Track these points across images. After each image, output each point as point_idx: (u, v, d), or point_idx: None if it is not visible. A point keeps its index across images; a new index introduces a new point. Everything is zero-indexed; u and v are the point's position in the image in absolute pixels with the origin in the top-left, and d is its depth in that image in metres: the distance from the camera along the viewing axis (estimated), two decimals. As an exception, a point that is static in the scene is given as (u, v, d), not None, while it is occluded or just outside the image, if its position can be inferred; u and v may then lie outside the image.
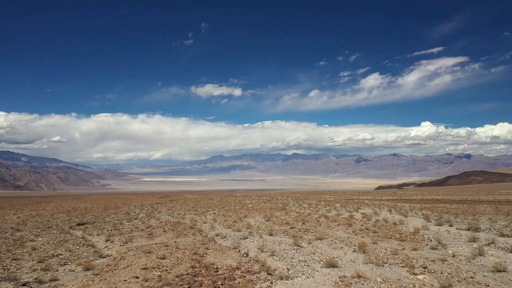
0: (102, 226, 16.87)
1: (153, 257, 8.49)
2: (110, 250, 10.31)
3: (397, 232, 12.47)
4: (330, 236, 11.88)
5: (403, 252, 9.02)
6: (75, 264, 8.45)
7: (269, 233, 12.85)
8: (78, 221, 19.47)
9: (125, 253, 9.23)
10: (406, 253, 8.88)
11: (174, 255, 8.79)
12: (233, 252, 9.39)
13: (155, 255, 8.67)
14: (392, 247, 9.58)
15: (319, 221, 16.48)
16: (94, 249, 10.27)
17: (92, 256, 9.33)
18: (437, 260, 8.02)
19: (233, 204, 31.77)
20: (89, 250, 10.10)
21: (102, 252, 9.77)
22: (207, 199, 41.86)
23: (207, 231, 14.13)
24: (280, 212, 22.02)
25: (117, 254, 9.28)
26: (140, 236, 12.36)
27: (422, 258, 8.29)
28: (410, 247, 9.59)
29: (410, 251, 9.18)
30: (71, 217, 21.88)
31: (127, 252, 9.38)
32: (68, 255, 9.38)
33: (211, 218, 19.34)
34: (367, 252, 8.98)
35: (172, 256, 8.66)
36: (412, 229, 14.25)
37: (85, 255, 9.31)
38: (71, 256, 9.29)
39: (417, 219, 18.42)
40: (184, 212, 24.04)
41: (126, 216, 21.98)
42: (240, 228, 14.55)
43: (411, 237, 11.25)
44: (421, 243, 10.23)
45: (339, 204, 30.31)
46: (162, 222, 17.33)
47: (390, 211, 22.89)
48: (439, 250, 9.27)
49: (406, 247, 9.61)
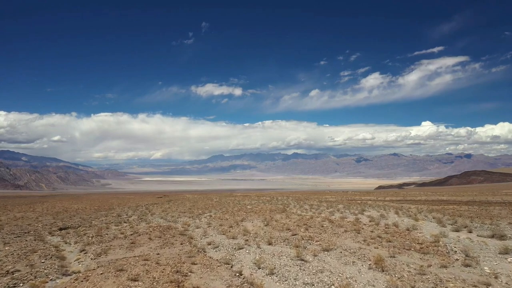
0: (85, 231, 15.29)
1: (123, 278, 6.85)
2: (80, 264, 8.73)
3: (415, 241, 10.86)
4: (338, 246, 10.27)
5: (431, 270, 7.39)
6: (27, 285, 6.87)
7: (268, 242, 11.25)
8: (61, 225, 17.90)
9: (92, 271, 7.61)
10: (435, 272, 7.25)
11: (150, 274, 7.17)
12: (224, 269, 7.77)
13: (127, 275, 7.03)
14: (415, 263, 7.97)
15: (323, 226, 14.88)
16: (61, 263, 8.68)
17: (55, 273, 7.73)
18: (479, 285, 6.41)
19: (231, 205, 30.16)
20: (54, 264, 8.50)
21: (68, 268, 8.18)
22: (206, 199, 40.21)
23: (199, 239, 12.54)
24: (281, 214, 20.42)
25: (83, 272, 7.67)
26: (120, 245, 10.76)
27: (459, 281, 6.66)
28: (437, 263, 7.95)
29: (439, 269, 7.55)
30: (56, 220, 20.31)
31: (95, 269, 7.75)
32: (26, 272, 7.80)
33: (206, 221, 17.76)
34: (386, 270, 7.36)
35: (147, 276, 7.03)
36: (429, 236, 12.65)
37: (45, 273, 7.71)
38: (28, 273, 7.70)
39: (429, 223, 16.82)
40: (179, 214, 22.46)
41: (116, 219, 20.41)
42: (235, 235, 12.97)
43: (433, 248, 9.63)
44: (448, 258, 8.60)
45: (342, 205, 28.67)
46: (151, 227, 15.74)
47: (397, 214, 21.29)
48: (474, 268, 7.64)
49: (433, 263, 7.98)
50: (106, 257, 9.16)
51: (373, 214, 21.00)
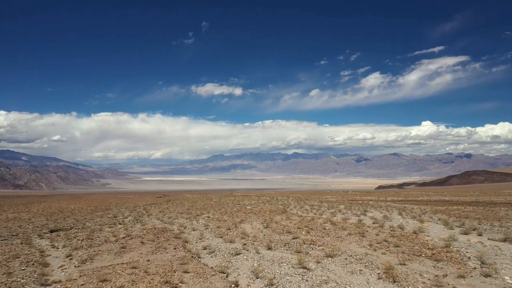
0: (76, 234, 14.58)
1: (105, 291, 6.17)
2: (63, 271, 8.02)
3: (425, 246, 10.13)
4: (343, 251, 9.55)
5: (448, 281, 6.67)
6: (-2, 299, 6.19)
7: (268, 246, 10.54)
8: (53, 227, 17.20)
9: (73, 281, 6.89)
10: (453, 283, 6.52)
11: (136, 285, 6.48)
12: (218, 279, 7.06)
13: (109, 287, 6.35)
14: (429, 272, 7.25)
15: (325, 229, 14.17)
16: (43, 270, 7.97)
17: (32, 283, 7.01)
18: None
19: (230, 205, 29.46)
20: (34, 272, 7.79)
21: (49, 277, 7.47)
22: (205, 199, 39.49)
23: (194, 243, 11.83)
24: (281, 215, 19.71)
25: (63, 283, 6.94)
26: (109, 250, 10.04)
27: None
28: (453, 273, 7.22)
29: (456, 279, 6.83)
30: (49, 222, 19.59)
31: (76, 279, 7.04)
32: (3, 282, 7.10)
33: (203, 223, 17.06)
34: (398, 281, 6.64)
35: (133, 288, 6.34)
36: (438, 240, 11.94)
37: (21, 283, 7.00)
38: (3, 283, 6.99)
39: (435, 225, 16.12)
40: (176, 215, 21.76)
41: (111, 220, 19.70)
42: (233, 238, 12.26)
43: (445, 254, 8.91)
44: (464, 265, 7.88)
45: (343, 205, 27.97)
46: (146, 229, 15.03)
47: (401, 215, 20.59)
48: (494, 278, 6.93)
49: (448, 272, 7.26)
50: (91, 264, 8.44)
51: (376, 215, 20.29)
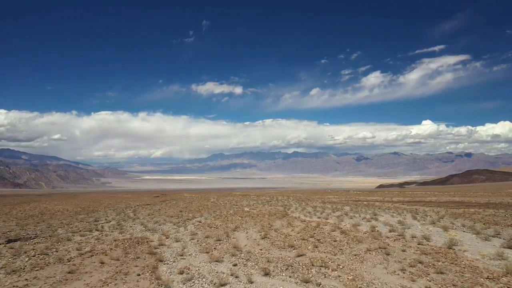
0: (34, 246, 12.04)
1: None
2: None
3: (477, 271, 7.62)
4: (368, 281, 7.02)
5: None
6: None
7: (264, 270, 8.03)
8: (13, 235, 14.70)
9: None
10: None
11: None
12: None
13: None
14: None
15: (336, 240, 11.64)
16: None
17: None
18: None
19: (227, 206, 26.96)
20: None
21: None
22: (203, 200, 36.96)
23: (170, 262, 9.32)
24: (281, 220, 17.18)
25: None
26: (49, 278, 7.53)
27: None
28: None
29: None
30: (18, 227, 17.00)
31: None
32: None
33: (191, 230, 14.57)
34: None
35: None
36: (482, 257, 9.43)
37: None
38: None
39: (464, 233, 13.60)
40: (164, 219, 19.27)
41: (89, 225, 17.18)
42: (221, 256, 9.76)
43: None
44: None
45: (349, 207, 25.44)
46: (119, 241, 12.50)
47: (415, 219, 18.07)
48: None
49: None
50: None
51: (389, 220, 17.77)
